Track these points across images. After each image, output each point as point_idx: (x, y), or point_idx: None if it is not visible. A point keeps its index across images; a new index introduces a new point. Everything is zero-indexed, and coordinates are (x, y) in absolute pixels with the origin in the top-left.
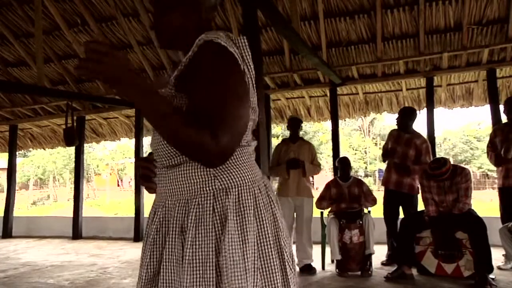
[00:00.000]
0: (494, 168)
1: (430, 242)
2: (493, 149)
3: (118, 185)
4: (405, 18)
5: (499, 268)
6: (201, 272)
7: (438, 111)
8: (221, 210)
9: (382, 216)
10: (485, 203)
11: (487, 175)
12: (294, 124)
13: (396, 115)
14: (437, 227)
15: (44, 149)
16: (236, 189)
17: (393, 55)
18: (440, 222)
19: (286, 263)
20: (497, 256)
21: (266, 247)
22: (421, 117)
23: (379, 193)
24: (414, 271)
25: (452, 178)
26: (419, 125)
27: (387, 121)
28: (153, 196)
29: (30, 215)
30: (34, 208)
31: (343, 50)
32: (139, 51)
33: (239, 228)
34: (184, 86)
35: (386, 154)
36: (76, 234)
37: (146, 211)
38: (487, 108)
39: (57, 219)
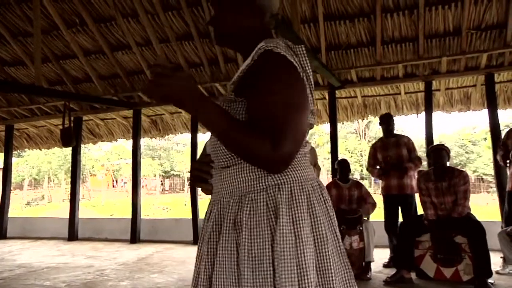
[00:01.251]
0: (489, 172)
1: (429, 246)
2: (503, 149)
3: (114, 186)
4: (404, 22)
5: (497, 272)
6: (257, 263)
7: (435, 115)
8: (274, 204)
9: (380, 219)
10: (481, 206)
11: (482, 178)
12: None
13: (379, 123)
14: (436, 231)
15: (40, 149)
16: (288, 185)
17: (392, 59)
18: (439, 226)
19: (345, 261)
20: (496, 260)
21: (322, 244)
22: (419, 120)
23: (375, 195)
24: (413, 275)
25: (449, 180)
26: (417, 129)
27: None
28: (150, 197)
29: (25, 215)
30: (29, 209)
31: (343, 53)
32: (137, 52)
33: (291, 222)
34: (243, 92)
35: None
36: (72, 236)
37: (143, 212)
38: (483, 113)
39: (53, 220)
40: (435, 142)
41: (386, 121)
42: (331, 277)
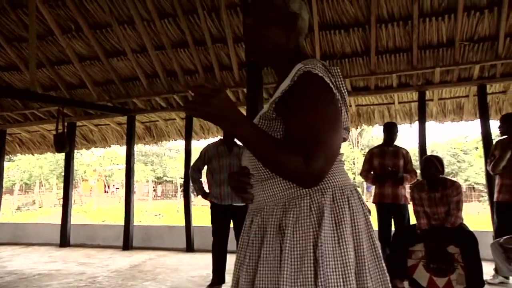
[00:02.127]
0: (481, 181)
1: (422, 256)
2: (491, 159)
3: (106, 192)
4: (399, 33)
5: (487, 282)
6: (299, 264)
7: (427, 125)
8: (318, 208)
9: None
10: (472, 216)
11: (474, 187)
12: None
13: (383, 131)
14: (429, 240)
15: (33, 154)
16: (331, 190)
17: (386, 69)
18: (432, 236)
19: (381, 265)
20: (487, 270)
21: (360, 248)
22: (412, 130)
23: (367, 204)
24: (406, 285)
25: (443, 190)
26: (410, 138)
27: (375, 133)
28: (142, 203)
29: (16, 221)
30: (19, 214)
31: (337, 63)
32: (133, 59)
33: (334, 225)
34: (282, 111)
35: (379, 170)
36: (64, 242)
37: (136, 219)
38: (474, 122)
39: (44, 226)
40: (427, 151)
41: (391, 130)
42: (366, 279)
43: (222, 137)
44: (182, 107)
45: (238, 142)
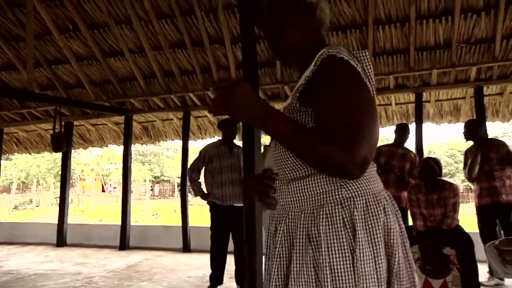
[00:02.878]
0: None
1: (418, 258)
2: (464, 167)
3: (103, 191)
4: (396, 34)
5: (482, 284)
6: (341, 282)
7: (424, 126)
8: (350, 218)
9: None
10: (469, 216)
11: (471, 188)
12: None
13: (395, 131)
14: (425, 242)
15: (30, 153)
16: (363, 198)
17: (384, 70)
18: (428, 238)
19: (412, 274)
20: (483, 271)
21: (394, 258)
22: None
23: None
24: None
25: (440, 192)
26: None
27: None
28: (139, 203)
29: (13, 220)
30: (16, 213)
31: None
32: (130, 59)
33: (369, 238)
34: (308, 100)
35: (383, 169)
36: (61, 241)
37: (133, 218)
38: None
39: (41, 226)
40: (425, 152)
41: (403, 131)
42: None
43: (221, 138)
44: (180, 107)
45: (237, 143)
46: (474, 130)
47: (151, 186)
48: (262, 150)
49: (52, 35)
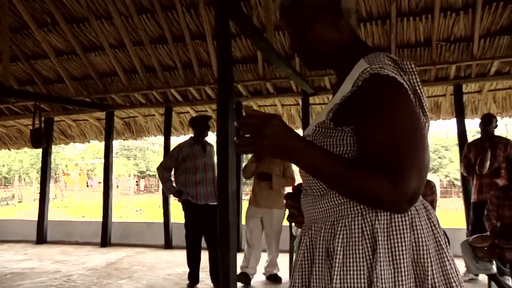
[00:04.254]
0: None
1: None
2: (465, 161)
3: (87, 186)
4: (377, 32)
5: None
6: None
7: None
8: (371, 232)
9: None
10: (450, 212)
11: (454, 184)
12: None
13: None
14: None
15: (10, 149)
16: None
17: None
18: None
19: None
20: (460, 267)
21: (423, 277)
22: None
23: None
24: None
25: None
26: None
27: None
28: (124, 198)
29: None
30: None
31: None
32: (111, 54)
33: (390, 254)
34: (346, 120)
35: None
36: (41, 239)
37: (116, 214)
38: (454, 121)
39: (21, 223)
40: None
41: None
42: None
43: (193, 136)
44: (162, 103)
45: (209, 141)
46: (486, 124)
47: (137, 181)
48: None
49: (30, 29)
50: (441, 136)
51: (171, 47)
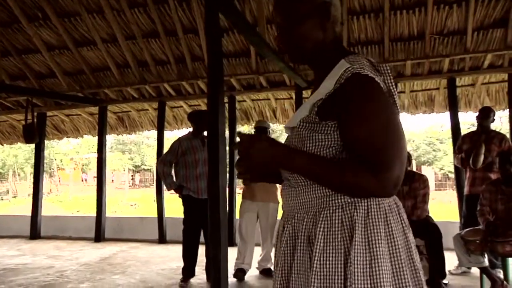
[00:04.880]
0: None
1: None
2: (458, 152)
3: (82, 180)
4: (370, 25)
5: (450, 273)
6: (328, 283)
7: (402, 115)
8: (349, 223)
9: None
10: (445, 204)
11: (448, 176)
12: (261, 131)
13: None
14: None
15: (2, 145)
16: (365, 203)
17: None
18: None
19: (423, 285)
20: (453, 260)
21: (399, 267)
22: None
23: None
24: None
25: (410, 184)
26: None
27: None
28: (119, 192)
29: None
30: None
31: None
32: (103, 48)
33: (367, 242)
34: (329, 115)
35: None
36: (34, 234)
37: (111, 208)
38: (446, 114)
39: (14, 218)
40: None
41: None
42: None
43: (192, 130)
44: (154, 98)
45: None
46: (483, 118)
47: (132, 175)
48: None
49: (21, 23)
50: (436, 129)
51: (163, 41)
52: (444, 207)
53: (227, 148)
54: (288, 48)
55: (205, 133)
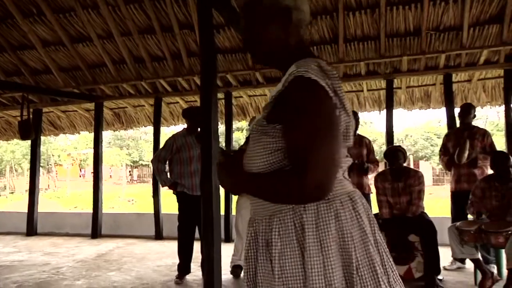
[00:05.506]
0: None
1: None
2: (444, 153)
3: (80, 176)
4: (366, 21)
5: (445, 268)
6: (291, 286)
7: (399, 111)
8: (300, 224)
9: None
10: (443, 199)
11: (445, 171)
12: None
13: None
14: (390, 230)
15: None
16: (315, 204)
17: (355, 57)
18: (393, 225)
19: (380, 278)
20: (448, 255)
21: (350, 263)
22: (381, 117)
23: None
24: None
25: (405, 180)
26: (380, 125)
27: None
28: (117, 188)
29: None
30: None
31: None
32: (99, 44)
33: (318, 242)
34: (276, 118)
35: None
36: (31, 231)
37: (108, 204)
38: (443, 110)
39: (10, 214)
40: (401, 136)
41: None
42: None
43: (186, 127)
44: (151, 94)
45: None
46: (464, 114)
47: (130, 171)
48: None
49: (15, 18)
50: (433, 124)
51: (159, 37)
52: (441, 202)
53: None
54: (252, 51)
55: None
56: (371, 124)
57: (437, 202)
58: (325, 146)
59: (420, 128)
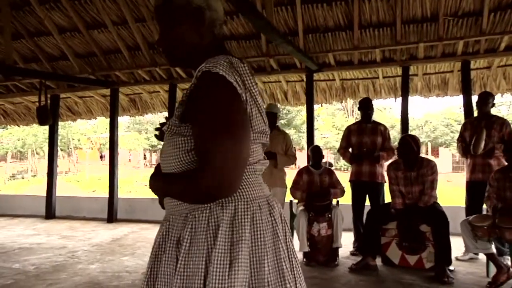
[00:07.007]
0: None
1: (395, 234)
2: (462, 141)
3: (102, 158)
4: (382, 7)
5: (457, 259)
6: (189, 282)
7: (416, 98)
8: (215, 223)
9: (350, 203)
10: (461, 187)
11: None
12: (271, 115)
13: (358, 108)
14: (402, 219)
15: (18, 126)
16: (233, 204)
17: (370, 43)
18: (405, 215)
19: (288, 284)
20: (459, 245)
21: (260, 267)
22: (398, 104)
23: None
24: (378, 261)
25: (418, 170)
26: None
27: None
28: (135, 172)
29: (5, 191)
30: (12, 182)
31: (320, 37)
32: (114, 31)
33: (229, 243)
34: (186, 117)
35: (356, 147)
36: (49, 214)
37: (125, 188)
38: (461, 97)
39: (31, 198)
40: (421, 122)
41: (365, 106)
42: None
43: None
44: (166, 80)
45: None
46: (482, 103)
47: (144, 155)
48: None
49: (32, 5)
50: (454, 110)
51: None
52: (459, 191)
53: None
54: (166, 52)
55: None
56: (390, 110)
57: (455, 190)
58: (227, 143)
59: (440, 114)
